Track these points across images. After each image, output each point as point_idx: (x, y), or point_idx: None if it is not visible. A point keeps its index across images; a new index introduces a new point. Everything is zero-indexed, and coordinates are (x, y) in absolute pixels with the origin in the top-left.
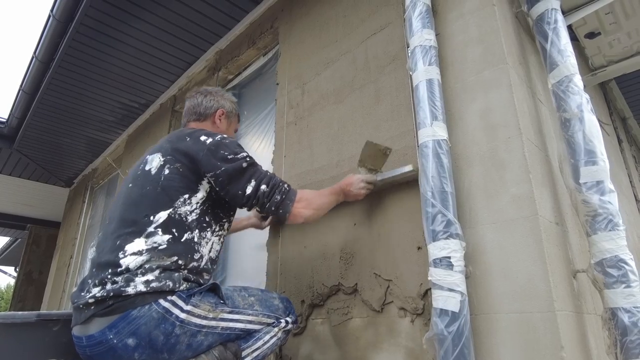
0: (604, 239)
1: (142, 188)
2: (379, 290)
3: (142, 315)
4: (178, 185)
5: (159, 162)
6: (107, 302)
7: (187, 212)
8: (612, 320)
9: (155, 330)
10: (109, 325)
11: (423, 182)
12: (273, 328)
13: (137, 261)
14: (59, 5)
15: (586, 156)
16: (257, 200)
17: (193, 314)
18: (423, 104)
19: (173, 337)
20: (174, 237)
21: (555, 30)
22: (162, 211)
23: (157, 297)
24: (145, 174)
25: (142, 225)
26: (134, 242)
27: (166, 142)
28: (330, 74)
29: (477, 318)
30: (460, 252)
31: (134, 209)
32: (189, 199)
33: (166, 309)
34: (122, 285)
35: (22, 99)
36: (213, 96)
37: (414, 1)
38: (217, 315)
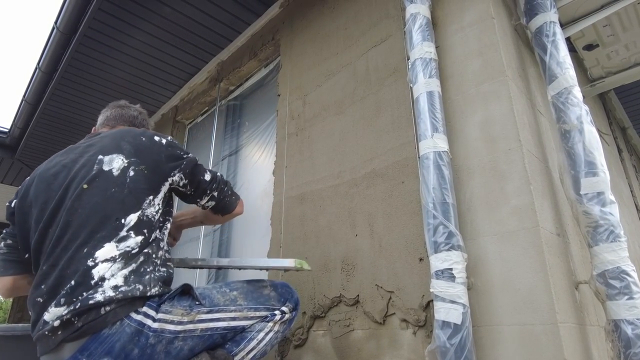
0: (605, 251)
1: (105, 190)
2: (380, 302)
3: (115, 332)
4: (144, 187)
5: (122, 163)
6: (76, 324)
7: (152, 212)
8: (615, 332)
9: (130, 344)
10: (81, 349)
11: (424, 193)
12: (267, 323)
13: (112, 270)
14: (63, 18)
15: (586, 167)
16: (217, 184)
17: (166, 321)
18: (424, 116)
19: (149, 348)
20: (145, 237)
21: (554, 42)
22: (132, 214)
23: (128, 309)
24: (105, 174)
25: (113, 229)
26: (104, 247)
27: (123, 142)
28: (331, 85)
29: (479, 330)
30: (462, 264)
31: (101, 212)
32: (153, 199)
33: (138, 321)
34: (92, 294)
35: (24, 109)
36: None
37: (414, 14)
38: (193, 318)
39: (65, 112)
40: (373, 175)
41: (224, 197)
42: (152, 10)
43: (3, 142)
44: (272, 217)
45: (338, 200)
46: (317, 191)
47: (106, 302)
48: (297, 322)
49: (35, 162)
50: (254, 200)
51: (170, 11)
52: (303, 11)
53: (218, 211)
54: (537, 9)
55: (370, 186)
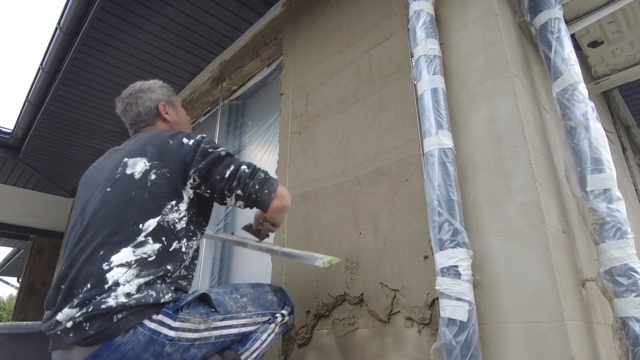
0: (612, 248)
1: (125, 193)
2: (385, 300)
3: (128, 341)
4: (165, 191)
5: (144, 166)
6: (88, 331)
7: (175, 219)
8: (622, 330)
9: (144, 353)
10: (92, 355)
11: (429, 190)
12: (270, 325)
13: (127, 276)
14: (66, 18)
15: (592, 164)
16: (238, 181)
17: (183, 330)
18: (428, 113)
19: (165, 356)
20: (164, 246)
21: (559, 39)
22: (151, 219)
23: (141, 317)
24: (127, 178)
25: (131, 233)
26: (120, 252)
27: (149, 145)
28: (334, 84)
29: (485, 328)
30: (468, 261)
31: (119, 215)
32: (176, 205)
33: (153, 330)
34: (105, 298)
35: (27, 110)
36: (142, 98)
37: (418, 11)
38: (209, 326)
39: (68, 113)
40: (377, 174)
41: (249, 194)
42: (155, 9)
43: (6, 143)
44: None
45: (341, 198)
46: (320, 190)
47: (119, 309)
48: (301, 320)
49: (39, 162)
50: None
51: (173, 11)
52: (305, 10)
53: (252, 208)
54: (542, 5)
55: (374, 184)
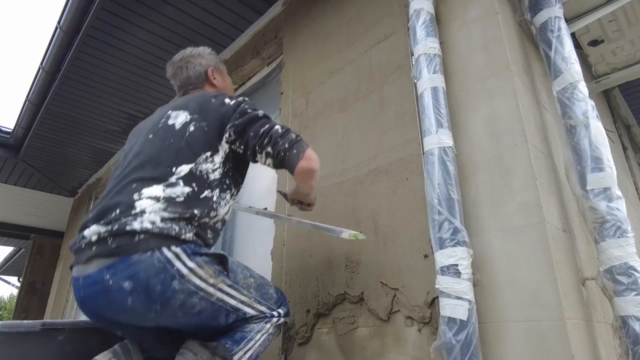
0: (612, 246)
1: (164, 140)
2: (385, 299)
3: (143, 260)
4: (202, 142)
5: (185, 118)
6: (110, 245)
7: (208, 170)
8: (622, 328)
9: (154, 278)
10: (108, 266)
11: (429, 189)
12: (265, 324)
13: (154, 207)
14: (66, 17)
15: (592, 163)
16: (269, 139)
17: (195, 273)
18: (428, 112)
19: (170, 291)
20: (194, 191)
21: (559, 38)
22: (184, 164)
23: (161, 244)
24: (169, 127)
25: (164, 174)
26: (151, 187)
27: (192, 101)
28: (334, 83)
29: (485, 326)
30: (468, 260)
31: (156, 158)
32: (211, 156)
33: (168, 259)
34: (130, 220)
35: (28, 109)
36: (192, 63)
37: (418, 10)
38: (217, 283)
39: (68, 112)
40: (377, 172)
41: (278, 152)
42: (155, 9)
43: (6, 143)
44: None
45: (342, 197)
46: (320, 188)
47: (141, 232)
48: (301, 319)
49: (39, 162)
50: (257, 198)
51: (173, 10)
52: (305, 9)
53: (280, 168)
54: (542, 4)
55: (374, 183)
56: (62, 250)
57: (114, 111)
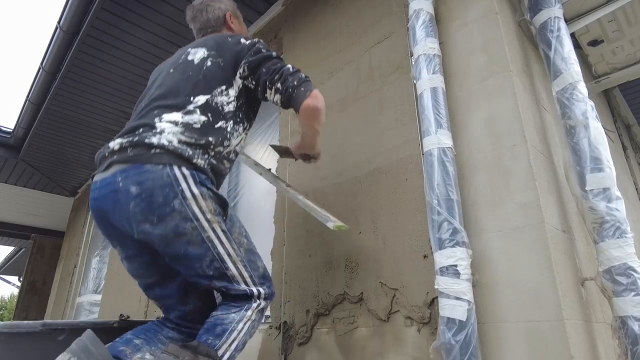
0: (611, 247)
1: (184, 73)
2: (384, 299)
3: (154, 171)
4: (217, 76)
5: (203, 54)
6: (128, 153)
7: (223, 102)
8: (622, 329)
9: (159, 190)
10: (122, 170)
11: (428, 190)
12: (245, 312)
13: (172, 129)
14: (66, 17)
15: (592, 163)
16: (280, 75)
17: (196, 201)
18: (427, 112)
19: (169, 207)
20: (209, 120)
21: (559, 38)
22: (201, 95)
23: (173, 161)
24: (188, 62)
25: (182, 102)
26: (171, 113)
27: (210, 39)
28: (334, 83)
29: (484, 327)
30: (467, 260)
31: (175, 88)
32: (225, 90)
33: (176, 177)
34: (150, 135)
35: (28, 109)
36: (211, 6)
37: (418, 10)
38: (213, 221)
39: (68, 112)
40: (376, 173)
41: (287, 88)
42: (155, 9)
43: (7, 142)
44: (276, 215)
45: (341, 197)
46: (320, 189)
47: (158, 146)
48: (301, 319)
49: (39, 162)
50: (257, 198)
51: (173, 10)
52: (306, 9)
53: (287, 106)
54: (542, 4)
55: (374, 183)
56: (63, 250)
57: (114, 111)
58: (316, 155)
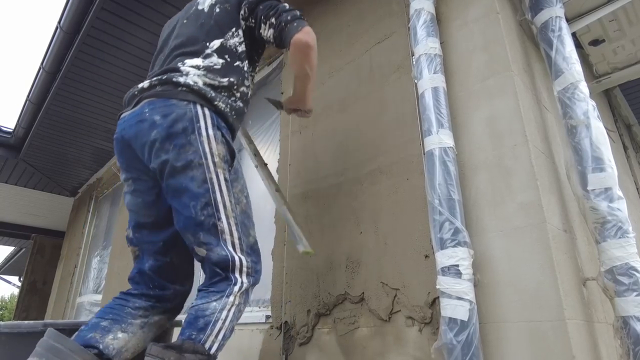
0: (613, 247)
1: (196, 22)
2: (386, 299)
3: (180, 106)
4: (227, 20)
5: (210, 1)
6: (157, 89)
7: (236, 43)
8: (624, 329)
9: (180, 122)
10: (149, 102)
11: (430, 190)
12: (227, 299)
13: (197, 72)
14: (66, 17)
15: (593, 163)
16: (275, 11)
17: (209, 141)
18: (429, 112)
19: (185, 139)
20: (227, 61)
21: (560, 37)
22: (216, 39)
23: (197, 100)
24: (199, 11)
25: (200, 47)
26: (192, 59)
27: None
28: (334, 83)
29: (486, 327)
30: (469, 260)
31: (192, 37)
32: (235, 31)
33: (197, 115)
34: (177, 75)
35: (28, 109)
36: None
37: (419, 10)
38: (218, 165)
39: (69, 112)
40: (377, 173)
41: (280, 22)
42: (155, 9)
43: (7, 142)
44: (276, 215)
45: (342, 197)
46: (321, 189)
47: (184, 85)
48: (302, 319)
49: (40, 162)
50: (258, 198)
51: (173, 10)
52: (306, 9)
53: (280, 42)
54: (543, 3)
55: (375, 183)
56: (63, 250)
57: (114, 111)
58: (308, 111)
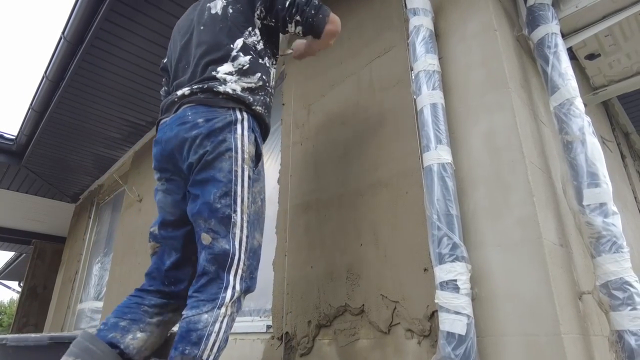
0: (608, 261)
1: (214, 26)
2: (385, 312)
3: (220, 112)
4: (242, 20)
5: (222, 4)
6: (198, 95)
7: (254, 41)
8: (618, 343)
9: (219, 123)
10: (191, 107)
11: (428, 205)
12: (218, 310)
13: (232, 79)
14: (71, 27)
15: (589, 178)
16: (296, 8)
17: (242, 139)
18: (427, 128)
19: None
20: (253, 57)
21: (556, 54)
22: (237, 39)
23: (237, 106)
24: (213, 16)
25: (226, 52)
26: (223, 65)
27: None
28: (335, 95)
29: (483, 340)
30: (466, 275)
31: (214, 42)
32: (252, 30)
33: (236, 118)
34: (217, 84)
35: (31, 117)
36: None
37: (418, 26)
38: (245, 163)
39: (71, 120)
40: (377, 185)
41: (306, 18)
42: (158, 20)
43: (9, 149)
44: (277, 226)
45: (343, 209)
46: (321, 200)
47: (224, 93)
48: (303, 330)
49: (42, 168)
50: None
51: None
52: None
53: (311, 35)
54: (539, 20)
55: (375, 195)
56: (64, 256)
57: (116, 119)
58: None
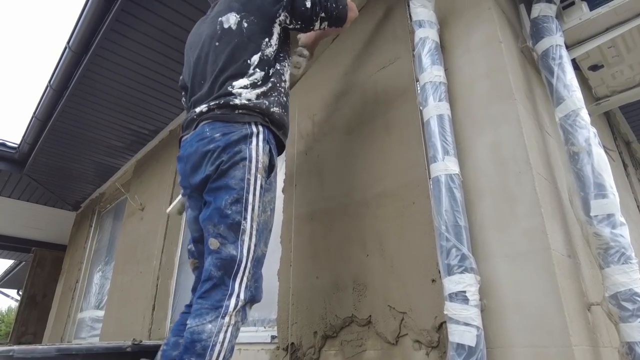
0: (617, 272)
1: (230, 42)
2: (393, 323)
3: (237, 127)
4: (258, 32)
5: (236, 19)
6: (215, 112)
7: (270, 52)
8: (629, 354)
9: (236, 136)
10: (209, 123)
11: (436, 216)
12: (222, 320)
13: (247, 91)
14: (76, 37)
15: (596, 189)
16: (320, 6)
17: (257, 150)
18: (434, 139)
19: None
20: (266, 73)
21: (561, 65)
22: (254, 55)
23: (252, 119)
24: (226, 30)
25: (244, 68)
26: (239, 80)
27: (233, 1)
28: (340, 105)
29: (492, 352)
30: (475, 286)
31: (230, 58)
32: (269, 41)
33: (252, 132)
34: (232, 98)
35: (34, 125)
36: None
37: (423, 38)
38: (258, 173)
39: (74, 128)
40: (383, 196)
41: (331, 13)
42: (163, 30)
43: (12, 157)
44: (282, 235)
45: (348, 219)
46: (326, 210)
47: (241, 107)
48: (309, 341)
49: (44, 176)
50: None
51: (180, 31)
52: None
53: (334, 25)
54: (543, 32)
55: (381, 206)
56: (64, 264)
57: (119, 127)
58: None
